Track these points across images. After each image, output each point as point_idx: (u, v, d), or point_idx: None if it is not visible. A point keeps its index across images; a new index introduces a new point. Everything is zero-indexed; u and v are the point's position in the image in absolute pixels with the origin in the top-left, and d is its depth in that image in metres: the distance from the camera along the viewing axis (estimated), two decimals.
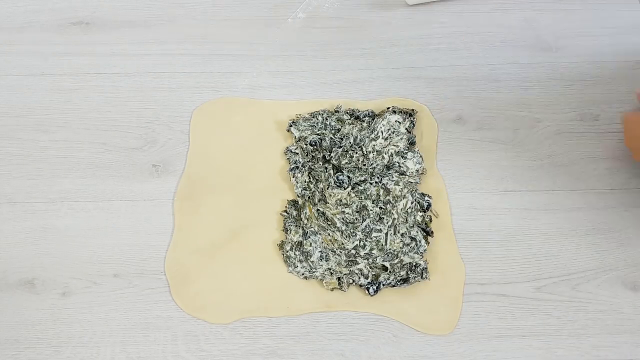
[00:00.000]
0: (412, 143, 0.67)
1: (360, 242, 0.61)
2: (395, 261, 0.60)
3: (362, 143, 0.66)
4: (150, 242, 0.64)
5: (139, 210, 0.66)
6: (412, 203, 0.63)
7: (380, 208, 0.62)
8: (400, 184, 0.64)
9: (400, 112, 0.70)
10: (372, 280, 0.60)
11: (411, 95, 0.74)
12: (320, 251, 0.61)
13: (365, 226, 0.62)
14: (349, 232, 0.61)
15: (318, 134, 0.67)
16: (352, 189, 0.63)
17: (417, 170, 0.65)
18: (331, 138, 0.66)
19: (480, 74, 0.77)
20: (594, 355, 0.57)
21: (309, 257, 0.61)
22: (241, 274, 0.61)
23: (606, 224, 0.65)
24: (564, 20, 0.82)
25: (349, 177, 0.63)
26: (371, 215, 0.62)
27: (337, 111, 0.70)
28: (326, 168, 0.65)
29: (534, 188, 0.67)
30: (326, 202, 0.63)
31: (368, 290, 0.59)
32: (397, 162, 0.65)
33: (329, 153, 0.66)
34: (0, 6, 0.84)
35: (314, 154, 0.66)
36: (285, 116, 0.71)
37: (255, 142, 0.70)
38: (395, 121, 0.68)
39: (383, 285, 0.60)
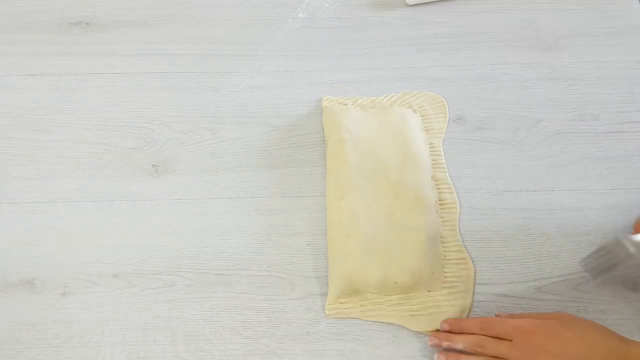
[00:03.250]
0: None
1: None
2: None
3: None
4: (150, 242, 0.64)
5: (139, 210, 0.66)
6: None
7: None
8: None
9: None
10: None
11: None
12: None
13: None
14: None
15: None
16: None
17: None
18: None
19: (480, 74, 0.77)
20: None
21: None
22: None
23: (606, 224, 0.65)
24: (564, 20, 0.82)
25: None
26: None
27: None
28: None
29: (534, 188, 0.67)
30: None
31: None
32: None
33: None
34: (0, 6, 0.84)
35: None
36: None
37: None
38: None
39: None
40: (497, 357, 0.53)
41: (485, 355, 0.53)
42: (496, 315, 0.58)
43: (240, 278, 0.62)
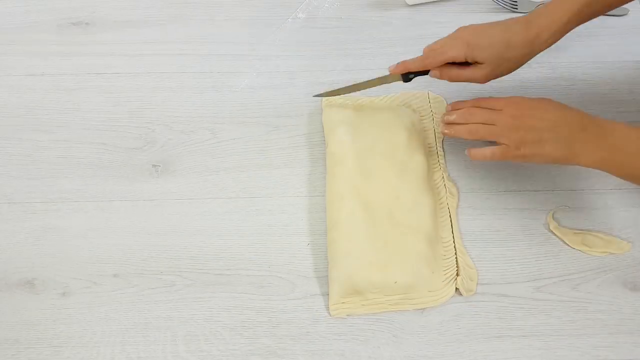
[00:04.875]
0: None
1: None
2: None
3: None
4: (150, 242, 0.64)
5: (139, 210, 0.66)
6: None
7: None
8: None
9: None
10: None
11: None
12: None
13: None
14: None
15: None
16: None
17: None
18: None
19: None
20: (594, 355, 0.57)
21: None
22: None
23: (606, 224, 0.65)
24: None
25: None
26: None
27: None
28: None
29: (534, 188, 0.67)
30: None
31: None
32: None
33: None
34: (0, 6, 0.84)
35: None
36: None
37: None
38: None
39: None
40: (487, 124, 0.60)
41: (473, 122, 0.61)
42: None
43: (240, 278, 0.62)
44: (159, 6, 0.84)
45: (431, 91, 0.75)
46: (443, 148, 0.70)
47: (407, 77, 0.67)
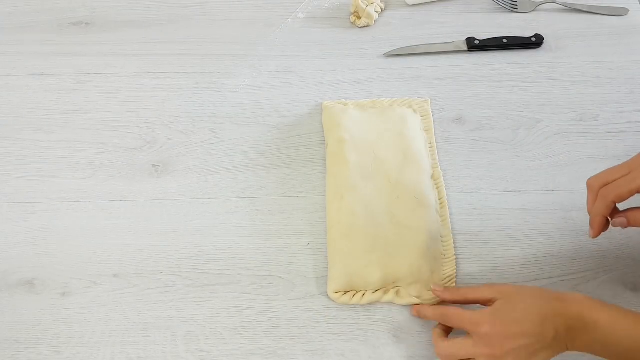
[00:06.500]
0: None
1: None
2: None
3: None
4: (150, 242, 0.64)
5: (139, 210, 0.66)
6: None
7: None
8: None
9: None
10: None
11: (411, 96, 0.74)
12: None
13: None
14: None
15: None
16: None
17: None
18: None
19: (480, 74, 0.77)
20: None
21: None
22: None
23: None
24: (564, 20, 0.82)
25: None
26: None
27: None
28: None
29: (534, 188, 0.67)
30: None
31: None
32: None
33: None
34: (1, 6, 0.84)
35: None
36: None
37: None
38: None
39: None
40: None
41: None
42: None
43: (240, 278, 0.62)
44: (159, 6, 0.84)
45: (431, 91, 0.75)
46: (443, 148, 0.70)
47: (472, 42, 0.77)
